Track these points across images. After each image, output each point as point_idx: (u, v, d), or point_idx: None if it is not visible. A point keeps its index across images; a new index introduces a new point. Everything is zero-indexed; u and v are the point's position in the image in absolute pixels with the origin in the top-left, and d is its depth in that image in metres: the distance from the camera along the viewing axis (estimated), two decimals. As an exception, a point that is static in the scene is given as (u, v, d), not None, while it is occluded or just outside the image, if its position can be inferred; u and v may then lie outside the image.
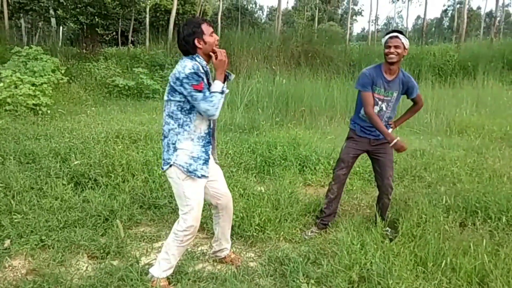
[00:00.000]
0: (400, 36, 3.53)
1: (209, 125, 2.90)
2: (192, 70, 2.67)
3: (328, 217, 3.93)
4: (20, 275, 3.09)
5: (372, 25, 43.03)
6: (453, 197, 4.22)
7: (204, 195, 2.99)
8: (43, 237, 3.52)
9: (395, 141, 3.47)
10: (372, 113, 3.57)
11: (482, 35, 40.18)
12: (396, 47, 3.50)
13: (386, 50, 3.54)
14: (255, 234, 3.71)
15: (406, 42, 3.55)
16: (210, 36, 2.81)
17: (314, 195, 4.69)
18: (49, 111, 8.39)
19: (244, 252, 3.54)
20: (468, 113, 8.55)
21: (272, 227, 3.80)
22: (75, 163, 4.92)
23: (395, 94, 3.65)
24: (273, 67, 14.04)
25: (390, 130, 3.71)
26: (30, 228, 3.65)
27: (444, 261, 3.04)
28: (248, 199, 4.26)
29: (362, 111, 3.72)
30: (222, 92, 2.76)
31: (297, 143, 6.17)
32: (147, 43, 21.69)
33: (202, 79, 2.71)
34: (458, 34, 27.54)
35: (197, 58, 2.80)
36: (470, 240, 3.29)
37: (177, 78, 2.71)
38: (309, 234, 3.85)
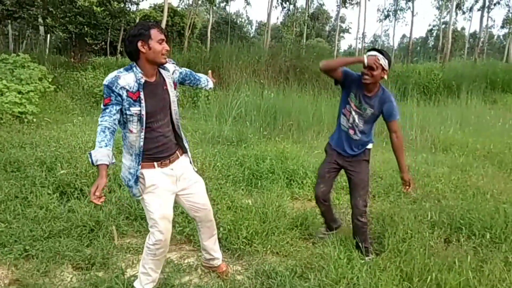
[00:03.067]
0: (379, 56, 3.26)
1: (143, 143, 2.65)
2: (106, 83, 2.50)
3: (331, 226, 3.99)
4: (2, 285, 3.03)
5: (359, 42, 43.62)
6: (438, 213, 4.28)
7: (183, 207, 2.99)
8: (27, 247, 3.47)
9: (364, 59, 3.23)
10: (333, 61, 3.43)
11: (466, 55, 41.08)
12: (371, 68, 3.25)
13: (362, 71, 3.31)
14: (242, 247, 3.71)
15: (385, 63, 3.26)
16: (157, 43, 2.56)
17: (301, 209, 4.71)
18: (35, 120, 8.30)
19: (231, 265, 3.53)
20: (452, 131, 8.69)
21: (260, 240, 3.79)
22: (61, 172, 4.87)
23: (368, 112, 3.42)
24: (262, 81, 14.13)
25: (370, 145, 3.61)
26: (14, 238, 3.60)
27: (429, 276, 3.07)
28: (235, 211, 4.27)
29: (341, 119, 3.59)
30: (90, 158, 2.47)
31: (284, 157, 6.19)
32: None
33: (114, 95, 2.49)
34: (443, 53, 28.07)
35: (134, 69, 2.58)
36: (455, 256, 3.34)
37: None
38: (320, 235, 3.98)
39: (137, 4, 23.02)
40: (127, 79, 2.53)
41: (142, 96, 2.55)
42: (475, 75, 18.35)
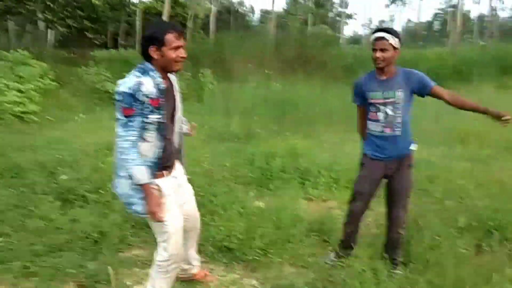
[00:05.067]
0: (387, 36, 2.99)
1: (157, 152, 2.46)
2: (128, 91, 2.27)
3: (346, 249, 3.41)
4: (0, 310, 2.80)
5: (365, 28, 42.98)
6: (464, 214, 4.00)
7: None
8: (27, 264, 3.23)
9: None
10: (359, 128, 3.32)
11: (475, 38, 40.33)
12: (382, 50, 2.99)
13: (373, 55, 3.05)
14: (256, 258, 3.45)
15: (394, 41, 3.00)
16: (172, 50, 2.35)
17: (317, 212, 4.43)
18: (36, 119, 8.08)
19: (246, 279, 3.28)
20: (469, 121, 8.33)
21: (275, 250, 3.53)
22: (63, 177, 4.64)
23: (399, 94, 3.04)
24: (267, 72, 13.81)
25: (414, 146, 3.22)
26: (13, 253, 3.36)
27: (464, 290, 2.81)
28: (248, 217, 4.00)
29: (370, 126, 3.21)
30: (133, 178, 2.36)
31: (295, 154, 5.92)
32: (136, 47, 21.34)
33: (138, 104, 2.28)
34: (450, 38, 27.51)
35: (150, 73, 2.36)
36: (489, 266, 3.06)
37: (115, 92, 2.35)
38: (329, 262, 3.44)
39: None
40: (148, 85, 2.32)
41: (162, 103, 2.38)
42: (486, 59, 17.88)
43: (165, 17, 20.98)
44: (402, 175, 3.18)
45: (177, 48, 2.37)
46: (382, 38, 3.00)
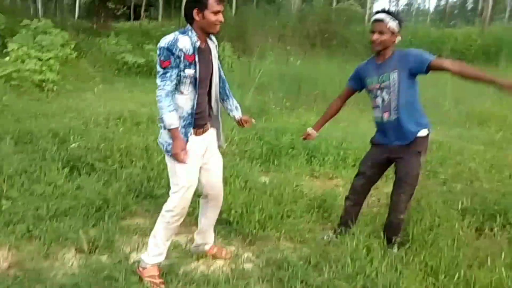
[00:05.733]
0: (386, 18, 2.94)
1: (194, 106, 2.66)
2: (165, 45, 2.53)
3: (344, 225, 3.41)
4: (1, 269, 2.91)
5: (393, 5, 41.80)
6: (469, 197, 3.93)
7: (199, 181, 2.85)
8: (31, 227, 3.32)
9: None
10: (329, 106, 3.57)
11: (507, 18, 38.74)
12: (380, 33, 2.94)
13: (370, 37, 3.02)
14: (254, 231, 3.47)
15: (393, 25, 2.93)
16: (212, 14, 2.55)
17: (320, 190, 4.42)
18: (55, 88, 8.21)
19: (242, 251, 3.31)
20: (490, 104, 8.10)
21: (273, 224, 3.55)
22: (72, 145, 4.72)
23: (393, 76, 2.99)
24: (288, 47, 13.62)
25: (424, 132, 3.07)
26: (18, 216, 3.47)
27: (457, 273, 2.78)
28: (249, 192, 4.01)
29: (375, 113, 3.22)
30: (164, 122, 2.60)
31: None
32: (159, 19, 21.29)
33: (174, 57, 2.52)
34: (482, 17, 26.49)
35: (189, 33, 2.60)
36: (487, 250, 3.02)
37: (157, 47, 2.61)
38: (325, 237, 3.45)
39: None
40: (184, 41, 2.55)
41: (197, 59, 2.59)
42: (516, 41, 17.18)
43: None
44: (408, 161, 3.08)
45: (217, 12, 2.56)
46: (381, 20, 2.96)
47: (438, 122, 7.60)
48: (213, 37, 2.79)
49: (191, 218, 3.68)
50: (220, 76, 2.93)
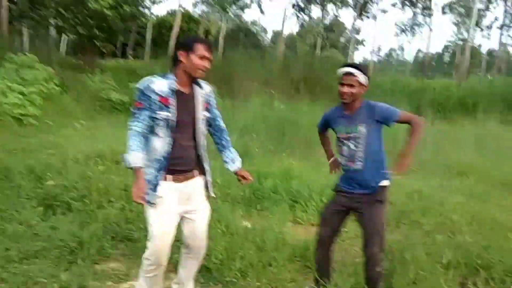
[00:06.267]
0: (356, 72, 2.97)
1: (168, 151, 2.60)
2: (140, 87, 2.55)
3: (322, 278, 3.27)
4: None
5: (374, 55, 43.23)
6: (453, 249, 3.89)
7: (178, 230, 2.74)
8: (-1, 270, 3.16)
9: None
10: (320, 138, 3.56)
11: (483, 72, 40.37)
12: (350, 86, 2.96)
13: (339, 89, 3.02)
14: (234, 280, 3.35)
15: (362, 78, 2.98)
16: (198, 58, 2.56)
17: (303, 237, 4.32)
18: (36, 123, 8.07)
19: (221, 301, 3.18)
20: (469, 154, 8.25)
21: (254, 273, 3.43)
22: (49, 183, 4.58)
23: (361, 128, 3.01)
24: (272, 91, 13.79)
25: (386, 182, 3.07)
26: (-14, 258, 3.29)
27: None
28: (231, 237, 3.91)
29: (339, 158, 3.25)
30: (124, 161, 2.56)
31: (289, 176, 5.84)
32: (145, 58, 21.47)
33: (146, 99, 2.53)
34: (459, 70, 27.54)
35: (169, 76, 2.61)
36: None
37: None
38: None
39: (149, 8, 22.89)
40: (160, 84, 2.56)
41: (172, 102, 2.56)
42: (492, 94, 17.81)
43: (175, 31, 21.20)
44: (372, 211, 3.05)
45: (203, 57, 2.58)
46: (351, 73, 2.98)
47: (418, 171, 7.69)
48: (204, 85, 2.76)
49: (169, 265, 3.55)
50: (216, 125, 2.92)
